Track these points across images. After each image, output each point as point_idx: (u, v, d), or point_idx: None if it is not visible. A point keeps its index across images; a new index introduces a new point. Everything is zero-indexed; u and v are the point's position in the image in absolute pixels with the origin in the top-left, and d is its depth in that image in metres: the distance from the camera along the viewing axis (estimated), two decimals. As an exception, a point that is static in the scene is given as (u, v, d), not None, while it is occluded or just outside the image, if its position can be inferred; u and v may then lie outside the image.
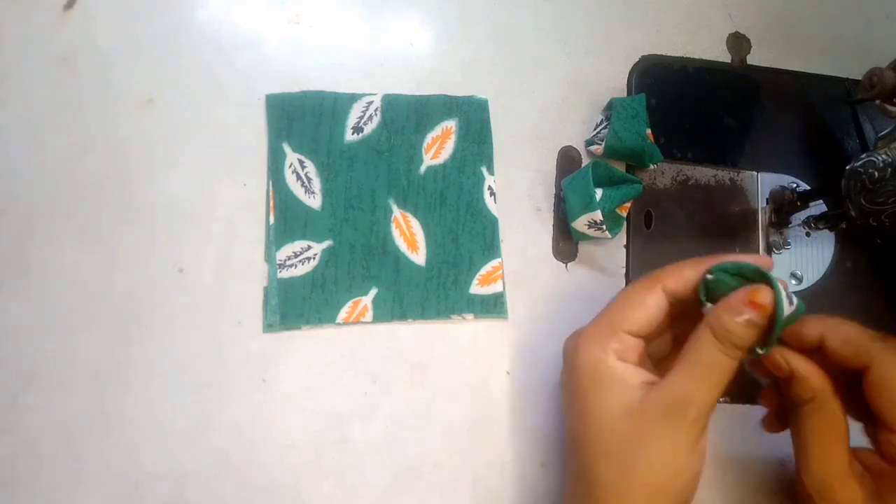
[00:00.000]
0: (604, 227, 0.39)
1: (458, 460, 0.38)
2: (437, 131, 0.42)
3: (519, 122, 0.44)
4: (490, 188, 0.42)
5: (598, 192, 0.39)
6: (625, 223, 0.42)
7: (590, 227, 0.40)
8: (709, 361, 0.31)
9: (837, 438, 0.33)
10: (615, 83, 0.46)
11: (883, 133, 0.38)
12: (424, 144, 0.42)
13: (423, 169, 0.42)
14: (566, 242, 0.43)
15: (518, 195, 0.43)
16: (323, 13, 0.43)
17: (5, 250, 0.37)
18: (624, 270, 0.43)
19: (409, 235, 0.41)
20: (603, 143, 0.42)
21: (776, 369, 0.33)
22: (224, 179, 0.40)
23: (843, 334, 0.33)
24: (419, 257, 0.40)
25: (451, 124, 0.42)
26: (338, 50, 0.43)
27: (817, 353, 0.33)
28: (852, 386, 0.33)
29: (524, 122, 0.44)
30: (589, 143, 0.44)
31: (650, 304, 0.33)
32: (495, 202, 0.42)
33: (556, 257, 0.42)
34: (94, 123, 0.40)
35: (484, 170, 0.42)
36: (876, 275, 0.45)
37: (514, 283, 0.41)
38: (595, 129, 0.44)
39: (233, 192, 0.40)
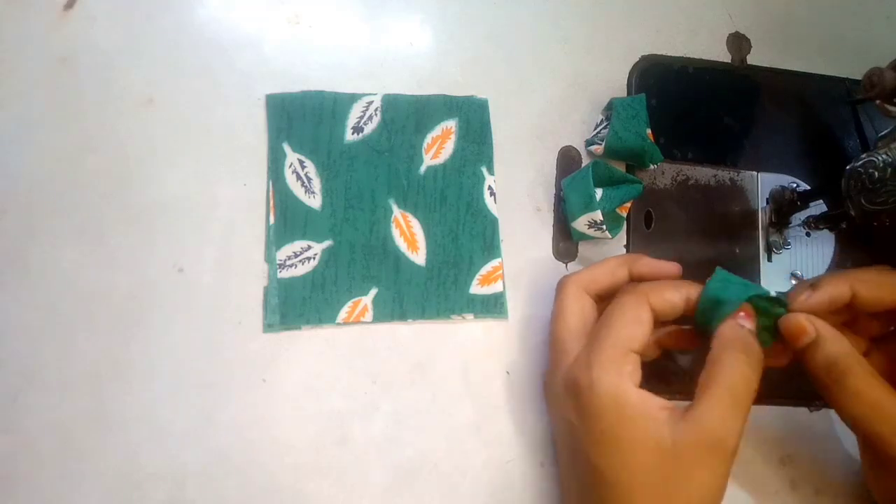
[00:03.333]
0: (604, 227, 0.39)
1: (458, 460, 0.39)
2: (437, 131, 0.42)
3: (519, 122, 0.44)
4: (490, 188, 0.42)
5: (599, 192, 0.39)
6: (625, 223, 0.42)
7: (590, 227, 0.40)
8: (736, 384, 0.30)
9: (880, 382, 0.32)
10: (615, 83, 0.46)
11: (883, 133, 0.38)
12: (424, 144, 0.42)
13: (423, 169, 0.42)
14: (566, 242, 0.43)
15: (518, 195, 0.43)
16: (323, 13, 0.43)
17: (5, 250, 0.37)
18: (624, 270, 0.43)
19: (409, 235, 0.41)
20: (603, 143, 0.42)
21: (799, 335, 0.32)
22: (224, 179, 0.40)
23: (873, 278, 0.33)
24: (419, 257, 0.40)
25: (451, 124, 0.42)
26: (338, 50, 0.43)
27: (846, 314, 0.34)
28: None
29: (524, 122, 0.44)
30: (589, 143, 0.44)
31: (646, 320, 0.33)
32: (495, 202, 0.42)
33: (556, 257, 0.42)
34: (94, 123, 0.40)
35: (484, 170, 0.42)
36: (876, 275, 0.45)
37: (514, 283, 0.41)
38: (595, 129, 0.44)
39: (233, 192, 0.40)
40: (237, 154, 0.40)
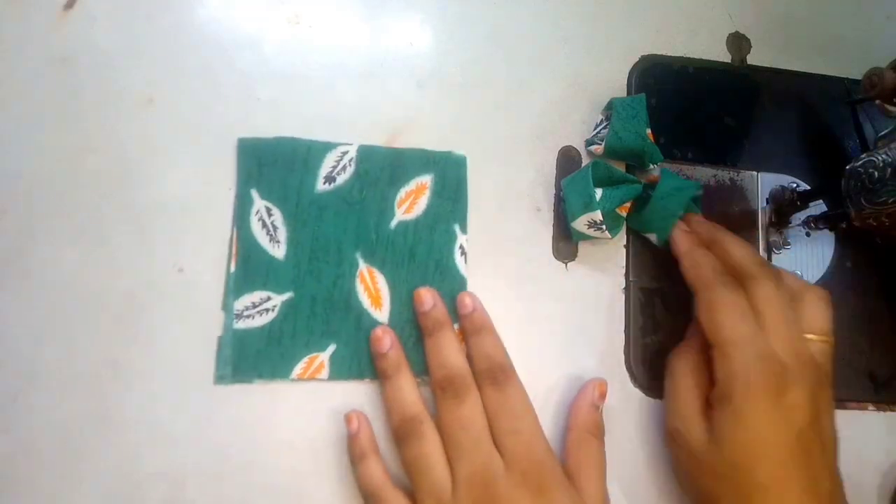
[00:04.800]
0: (604, 227, 0.39)
1: (458, 460, 0.38)
2: (411, 185, 0.41)
3: (519, 122, 0.44)
4: (461, 247, 0.41)
5: (598, 192, 0.39)
6: (625, 223, 0.42)
7: (590, 227, 0.40)
8: (601, 468, 0.37)
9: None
10: (615, 83, 0.46)
11: (883, 133, 0.38)
12: (398, 198, 0.41)
13: (393, 223, 0.41)
14: (566, 242, 0.43)
15: (518, 195, 0.43)
16: (323, 13, 0.43)
17: (5, 250, 0.38)
18: (624, 270, 0.43)
19: (373, 291, 0.39)
20: (603, 143, 0.42)
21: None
22: (224, 180, 0.40)
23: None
24: (382, 314, 0.39)
25: (426, 179, 0.41)
26: (338, 50, 0.43)
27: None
28: None
29: (524, 122, 0.44)
30: (589, 143, 0.44)
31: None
32: (465, 262, 0.41)
33: (556, 257, 0.42)
34: (94, 123, 0.40)
35: (457, 228, 0.41)
36: (876, 275, 0.45)
37: (513, 282, 0.41)
38: (595, 129, 0.44)
39: (232, 193, 0.40)
40: (237, 154, 0.40)
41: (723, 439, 0.33)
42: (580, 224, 0.40)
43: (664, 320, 0.42)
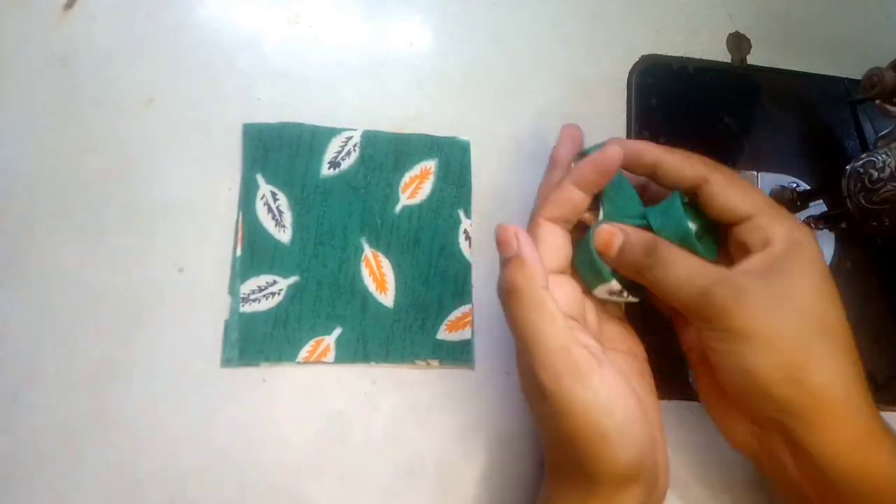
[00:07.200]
0: (625, 293, 0.33)
1: (458, 460, 0.38)
2: (415, 171, 0.41)
3: (519, 123, 0.44)
4: (465, 232, 0.41)
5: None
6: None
7: (612, 295, 0.34)
8: None
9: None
10: (615, 83, 0.46)
11: (883, 133, 0.38)
12: (402, 183, 0.41)
13: (398, 208, 0.41)
14: (566, 242, 0.43)
15: (518, 196, 0.43)
16: (323, 13, 0.43)
17: (5, 250, 0.38)
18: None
19: (378, 275, 0.40)
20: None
21: (610, 240, 0.32)
22: (224, 179, 0.40)
23: (679, 154, 0.33)
24: (387, 299, 0.40)
25: (430, 164, 0.42)
26: (338, 50, 0.43)
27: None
28: None
29: (524, 122, 0.44)
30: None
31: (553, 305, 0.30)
32: (470, 247, 0.41)
33: (556, 257, 0.42)
34: (94, 123, 0.40)
35: (461, 213, 0.41)
36: (876, 275, 0.45)
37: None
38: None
39: (233, 192, 0.40)
40: (237, 154, 0.40)
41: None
42: (601, 294, 0.34)
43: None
